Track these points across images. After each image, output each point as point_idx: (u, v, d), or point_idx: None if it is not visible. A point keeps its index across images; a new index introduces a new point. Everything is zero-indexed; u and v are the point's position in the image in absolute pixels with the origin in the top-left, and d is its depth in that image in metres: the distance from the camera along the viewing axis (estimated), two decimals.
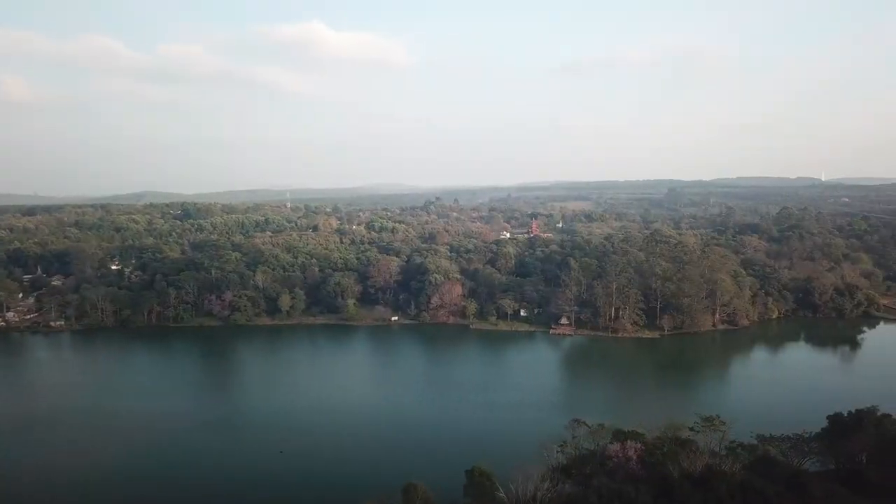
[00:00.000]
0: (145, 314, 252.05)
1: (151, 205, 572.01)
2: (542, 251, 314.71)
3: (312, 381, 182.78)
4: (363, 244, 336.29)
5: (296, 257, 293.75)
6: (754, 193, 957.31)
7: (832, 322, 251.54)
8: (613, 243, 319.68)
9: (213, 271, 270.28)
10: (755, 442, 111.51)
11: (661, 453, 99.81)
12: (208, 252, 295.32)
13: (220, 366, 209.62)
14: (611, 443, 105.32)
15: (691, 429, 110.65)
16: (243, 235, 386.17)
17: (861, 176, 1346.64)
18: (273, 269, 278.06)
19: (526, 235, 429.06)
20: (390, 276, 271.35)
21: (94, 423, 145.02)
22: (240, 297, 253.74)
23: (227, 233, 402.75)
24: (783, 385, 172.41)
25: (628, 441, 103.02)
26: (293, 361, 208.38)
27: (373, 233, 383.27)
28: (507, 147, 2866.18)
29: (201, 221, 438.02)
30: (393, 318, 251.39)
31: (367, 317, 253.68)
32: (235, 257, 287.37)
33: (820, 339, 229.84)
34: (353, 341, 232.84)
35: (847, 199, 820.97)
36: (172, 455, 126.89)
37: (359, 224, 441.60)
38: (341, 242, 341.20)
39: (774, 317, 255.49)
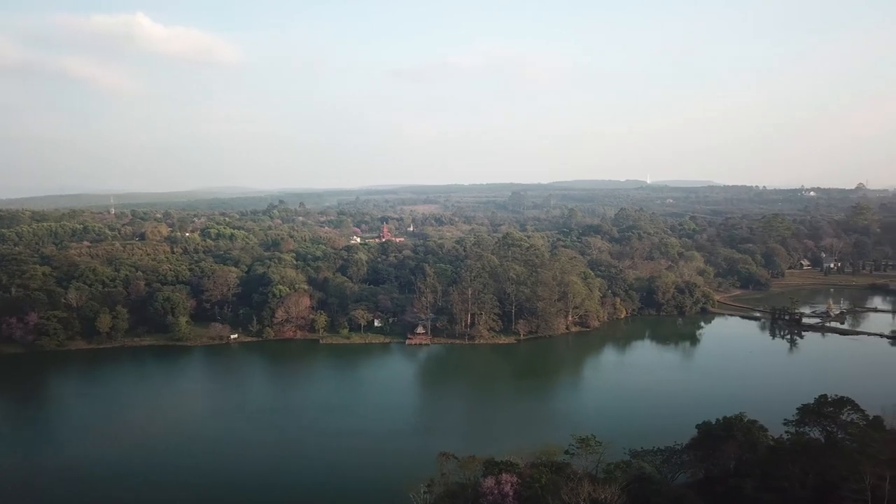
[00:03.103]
0: None
1: None
2: (395, 257, 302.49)
3: (135, 416, 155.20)
4: (197, 253, 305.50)
5: (118, 270, 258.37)
6: (590, 195, 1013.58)
7: (674, 319, 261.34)
8: (466, 247, 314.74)
9: (13, 289, 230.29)
10: (629, 457, 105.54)
11: (538, 486, 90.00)
12: (7, 267, 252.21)
13: (19, 403, 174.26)
14: (483, 476, 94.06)
15: (567, 451, 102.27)
16: (55, 246, 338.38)
17: (679, 178, 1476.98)
18: (90, 285, 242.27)
19: (377, 240, 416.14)
20: (228, 289, 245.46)
21: None
22: (48, 318, 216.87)
23: (35, 244, 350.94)
24: (644, 390, 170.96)
25: (503, 474, 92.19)
26: (112, 393, 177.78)
27: (208, 241, 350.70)
28: (351, 150, 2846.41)
29: (4, 231, 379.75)
30: (232, 336, 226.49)
31: (202, 335, 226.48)
32: (43, 272, 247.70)
33: (668, 338, 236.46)
34: (186, 365, 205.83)
35: (672, 200, 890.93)
36: None
37: (193, 231, 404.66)
38: (172, 252, 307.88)
39: (622, 316, 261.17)
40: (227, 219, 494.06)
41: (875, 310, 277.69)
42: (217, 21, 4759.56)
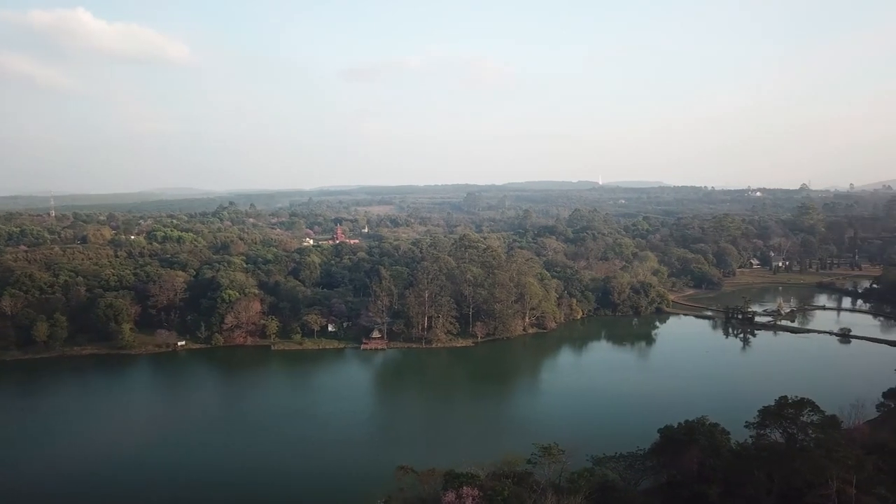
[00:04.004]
0: None
1: None
2: (349, 259, 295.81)
3: (76, 429, 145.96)
4: (143, 257, 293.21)
5: (57, 276, 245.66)
6: (543, 196, 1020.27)
7: (630, 319, 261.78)
8: (422, 249, 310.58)
9: None
10: (591, 464, 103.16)
11: (501, 499, 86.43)
12: None
13: None
14: (443, 490, 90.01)
15: (529, 461, 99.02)
16: None
17: (630, 179, 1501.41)
18: (26, 292, 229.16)
19: (331, 242, 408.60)
20: (175, 294, 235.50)
21: None
22: None
23: None
24: (604, 392, 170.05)
25: (463, 487, 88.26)
26: (51, 406, 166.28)
27: (155, 244, 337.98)
28: (305, 150, 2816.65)
29: None
30: (179, 343, 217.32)
31: (147, 343, 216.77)
32: None
33: (625, 338, 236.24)
34: (131, 374, 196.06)
35: (624, 201, 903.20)
36: None
37: (138, 234, 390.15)
38: (115, 256, 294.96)
39: (579, 317, 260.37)
40: (174, 221, 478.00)
41: (823, 308, 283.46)
42: (165, 18, 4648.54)
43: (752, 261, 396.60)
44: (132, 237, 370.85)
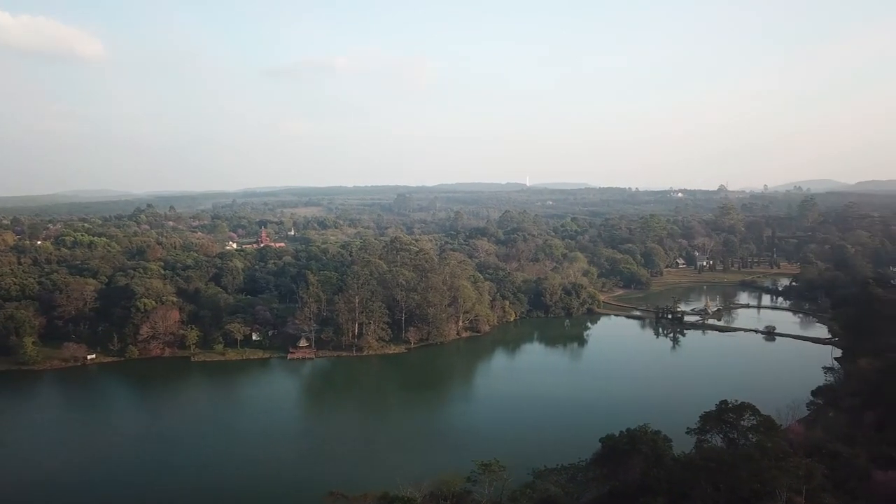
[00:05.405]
0: None
1: None
2: (274, 263, 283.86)
3: None
4: (49, 264, 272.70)
5: None
6: (473, 198, 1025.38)
7: (562, 320, 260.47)
8: (352, 252, 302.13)
9: None
10: (532, 478, 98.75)
11: None
12: None
13: None
14: None
15: (468, 479, 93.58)
16: None
17: (557, 181, 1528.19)
18: None
19: (255, 246, 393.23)
20: (84, 304, 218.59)
21: None
22: None
23: None
24: (541, 398, 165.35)
25: None
26: None
27: (63, 249, 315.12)
28: (227, 151, 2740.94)
29: None
30: (89, 357, 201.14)
31: (52, 357, 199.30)
32: None
33: (558, 339, 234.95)
34: (33, 393, 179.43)
35: (552, 203, 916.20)
36: None
37: (45, 239, 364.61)
38: (18, 263, 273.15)
39: (512, 319, 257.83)
40: (86, 225, 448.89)
41: (747, 306, 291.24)
42: (75, 12, 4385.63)
43: (678, 260, 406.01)
44: (38, 243, 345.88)
